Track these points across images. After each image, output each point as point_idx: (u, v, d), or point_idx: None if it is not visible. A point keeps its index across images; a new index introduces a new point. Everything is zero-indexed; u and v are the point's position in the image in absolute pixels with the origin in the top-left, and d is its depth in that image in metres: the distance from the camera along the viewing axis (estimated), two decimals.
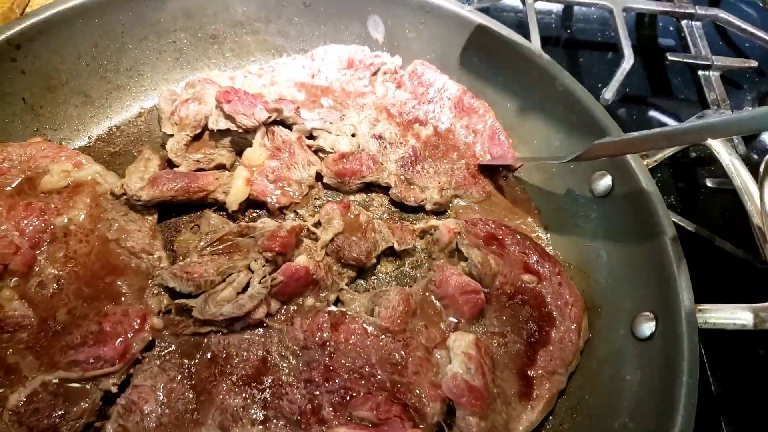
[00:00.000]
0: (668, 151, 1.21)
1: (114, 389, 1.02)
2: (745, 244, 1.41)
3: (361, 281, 1.25)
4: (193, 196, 1.23)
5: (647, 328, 1.08)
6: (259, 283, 1.10)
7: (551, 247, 1.31)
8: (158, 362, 1.06)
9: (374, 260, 1.23)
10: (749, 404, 1.23)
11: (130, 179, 1.19)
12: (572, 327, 1.15)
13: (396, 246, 1.24)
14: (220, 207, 1.26)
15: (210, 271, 1.11)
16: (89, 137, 1.32)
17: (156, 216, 1.22)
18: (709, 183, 1.55)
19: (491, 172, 1.40)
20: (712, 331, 1.03)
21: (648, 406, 1.01)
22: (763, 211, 1.03)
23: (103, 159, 1.28)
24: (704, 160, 1.64)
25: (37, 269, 1.10)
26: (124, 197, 1.19)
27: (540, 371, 1.11)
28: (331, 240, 1.21)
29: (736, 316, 1.03)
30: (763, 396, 1.24)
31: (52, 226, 1.13)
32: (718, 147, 1.16)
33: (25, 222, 1.11)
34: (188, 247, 1.18)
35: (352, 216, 1.25)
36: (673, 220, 1.15)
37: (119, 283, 1.12)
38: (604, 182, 1.24)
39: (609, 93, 1.60)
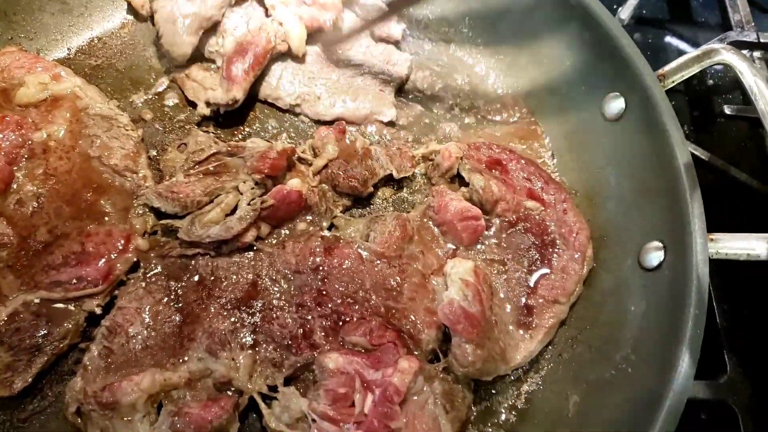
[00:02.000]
0: (686, 72, 1.13)
1: (98, 310, 0.99)
2: (760, 174, 1.35)
3: (358, 209, 1.19)
4: (265, 61, 1.20)
5: (655, 257, 1.03)
6: (248, 205, 1.05)
7: (558, 174, 1.25)
8: (143, 284, 1.02)
9: (371, 189, 1.17)
10: (754, 338, 1.19)
11: (208, 94, 1.17)
12: (576, 255, 1.10)
13: (395, 174, 1.18)
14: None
15: (197, 191, 1.06)
16: (69, 49, 1.24)
17: (140, 133, 1.15)
18: (727, 110, 1.47)
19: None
20: (719, 262, 0.98)
21: (652, 338, 0.97)
22: None
23: (84, 73, 1.20)
24: (720, 88, 1.56)
25: (15, 186, 1.04)
26: (222, 108, 1.18)
27: (540, 300, 1.07)
28: (326, 166, 1.15)
29: (750, 245, 0.97)
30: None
31: (30, 142, 1.07)
32: (741, 67, 1.07)
33: (1, 136, 1.05)
34: (174, 166, 1.12)
35: (348, 142, 1.19)
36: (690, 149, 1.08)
37: (102, 202, 1.06)
38: (617, 104, 1.16)
39: (625, 12, 1.51)
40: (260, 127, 1.23)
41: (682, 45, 1.67)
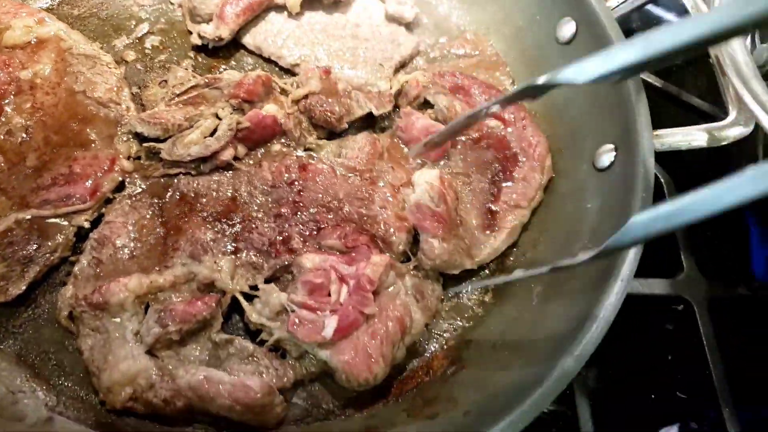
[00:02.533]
0: None
1: (86, 224, 1.05)
2: (707, 94, 1.44)
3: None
4: (258, 9, 1.27)
5: (607, 158, 1.10)
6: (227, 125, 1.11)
7: None
8: (129, 201, 1.08)
9: (345, 126, 1.23)
10: (708, 238, 1.27)
11: (201, 26, 1.25)
12: (535, 165, 1.17)
13: (374, 111, 1.22)
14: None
15: (178, 117, 1.12)
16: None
17: (123, 70, 1.22)
18: None
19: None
20: (676, 174, 1.05)
21: (607, 226, 1.03)
22: None
23: (67, 21, 1.27)
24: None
25: (3, 119, 1.11)
26: (209, 43, 1.26)
27: (503, 205, 1.14)
28: (305, 97, 1.21)
29: (691, 136, 1.05)
30: (723, 232, 1.28)
31: (17, 79, 1.13)
32: None
33: None
34: (156, 100, 1.19)
35: (331, 82, 1.25)
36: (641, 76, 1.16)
37: (88, 131, 1.13)
38: (569, 28, 1.24)
39: None
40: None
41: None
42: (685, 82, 1.47)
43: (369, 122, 1.24)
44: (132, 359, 0.93)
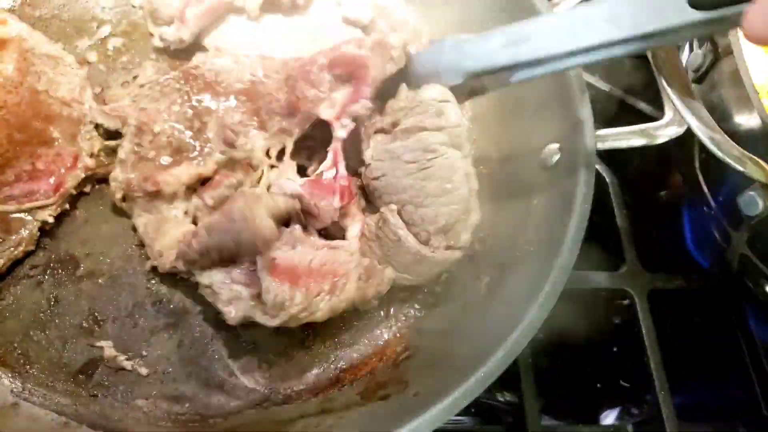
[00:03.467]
0: None
1: (51, 219, 1.08)
2: (650, 99, 1.52)
3: None
4: (218, 12, 1.30)
5: (554, 157, 1.17)
6: None
7: (471, 102, 1.38)
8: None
9: None
10: (648, 234, 1.35)
11: (162, 29, 1.29)
12: None
13: None
14: None
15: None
16: (14, 0, 1.33)
17: (86, 70, 1.25)
18: None
19: None
20: (620, 173, 1.12)
21: (550, 219, 1.10)
22: None
23: (29, 22, 1.28)
24: None
25: None
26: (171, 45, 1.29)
27: None
28: None
29: (629, 136, 1.13)
30: (664, 227, 1.36)
31: None
32: None
33: None
34: (117, 99, 1.22)
35: None
36: (589, 80, 1.23)
37: (51, 129, 1.15)
38: None
39: None
40: None
41: None
42: (627, 83, 1.56)
43: None
44: (179, 227, 1.03)
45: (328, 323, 1.07)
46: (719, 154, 0.99)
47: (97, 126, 1.18)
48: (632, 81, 1.59)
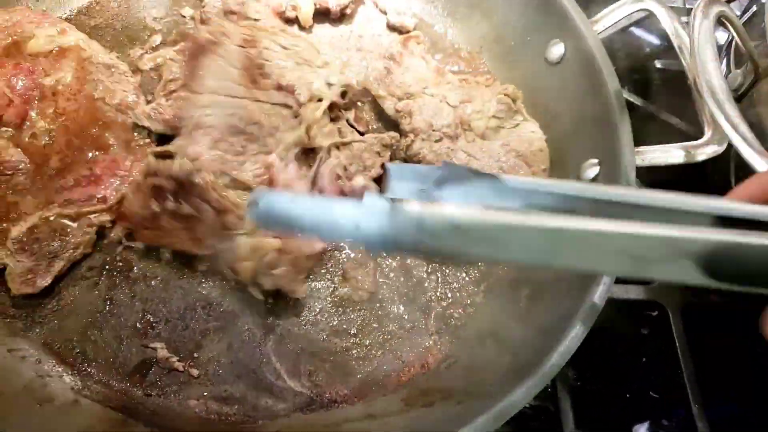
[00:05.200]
0: (614, 16, 1.31)
1: (108, 224, 1.12)
2: (689, 117, 1.53)
3: None
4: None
5: (592, 172, 1.20)
6: None
7: None
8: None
9: None
10: None
11: None
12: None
13: None
14: None
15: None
16: (70, 10, 1.38)
17: (138, 79, 1.29)
18: (657, 64, 1.66)
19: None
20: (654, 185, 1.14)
21: None
22: (693, 56, 1.12)
23: (84, 31, 1.33)
24: (656, 54, 1.74)
25: (28, 123, 1.17)
26: None
27: None
28: None
29: (669, 153, 1.15)
30: None
31: (41, 86, 1.20)
32: (659, 12, 1.26)
33: (15, 80, 1.18)
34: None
35: None
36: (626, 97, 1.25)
37: (107, 135, 1.20)
38: (558, 50, 1.33)
39: None
40: None
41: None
42: (665, 103, 1.57)
43: None
44: None
45: (369, 330, 1.11)
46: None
47: (150, 133, 1.23)
48: (667, 97, 1.61)
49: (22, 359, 1.02)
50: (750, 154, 1.02)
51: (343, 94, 1.18)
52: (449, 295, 1.18)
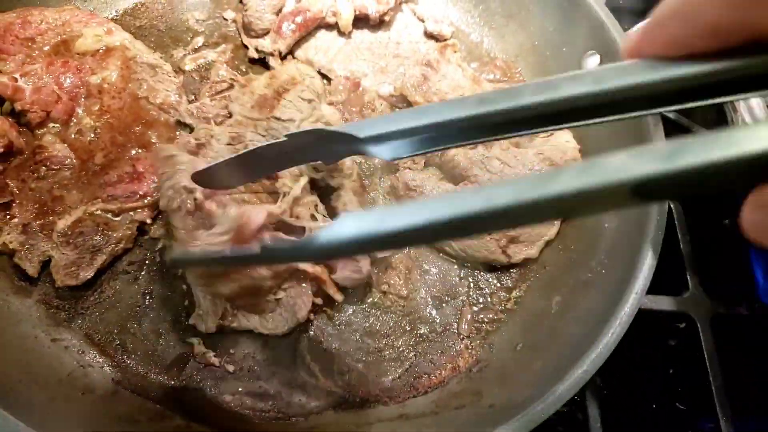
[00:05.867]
0: None
1: (148, 220, 1.15)
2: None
3: None
4: (312, 26, 1.38)
5: None
6: None
7: None
8: None
9: None
10: (712, 261, 1.37)
11: (258, 41, 1.36)
12: None
13: None
14: None
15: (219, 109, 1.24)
16: (116, 10, 1.42)
17: (181, 79, 1.32)
18: None
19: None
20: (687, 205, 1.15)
21: (622, 244, 1.13)
22: None
23: (130, 31, 1.37)
24: None
25: (75, 120, 1.21)
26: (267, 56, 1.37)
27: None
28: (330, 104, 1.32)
29: None
30: (727, 254, 1.38)
31: (87, 83, 1.24)
32: None
33: (63, 77, 1.22)
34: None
35: (359, 94, 1.36)
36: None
37: (150, 133, 1.23)
38: (594, 60, 1.34)
39: None
40: None
41: None
42: (698, 116, 1.58)
43: None
44: None
45: (401, 332, 1.13)
46: None
47: (192, 131, 1.25)
48: (701, 111, 1.61)
49: (65, 349, 1.05)
50: None
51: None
52: (481, 300, 1.19)
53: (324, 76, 1.41)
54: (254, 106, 1.19)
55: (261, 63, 1.39)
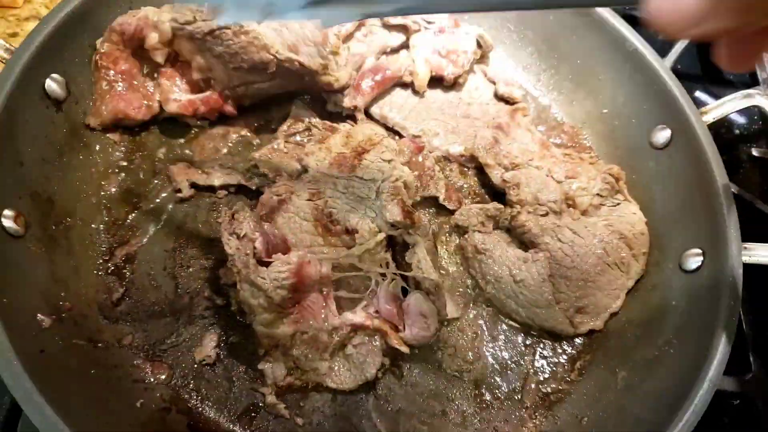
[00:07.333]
0: (724, 110, 1.33)
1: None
2: None
3: None
4: (389, 84, 1.43)
5: (694, 262, 1.21)
6: None
7: None
8: None
9: (417, 198, 1.32)
10: None
11: (338, 96, 1.39)
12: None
13: (440, 199, 1.36)
14: None
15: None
16: None
17: None
18: (755, 152, 1.66)
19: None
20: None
21: (691, 327, 1.14)
22: None
23: None
24: (746, 137, 1.75)
25: None
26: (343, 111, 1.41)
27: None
28: None
29: None
30: None
31: None
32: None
33: None
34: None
35: (420, 159, 1.38)
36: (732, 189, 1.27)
37: None
38: (664, 134, 1.36)
39: (667, 62, 1.73)
40: None
41: (710, 99, 1.86)
42: (759, 191, 1.57)
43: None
44: None
45: (466, 396, 1.15)
46: None
47: None
48: (761, 184, 1.62)
49: (145, 390, 1.08)
50: None
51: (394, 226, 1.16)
52: (546, 369, 1.20)
53: (396, 133, 1.44)
54: (332, 164, 1.22)
55: (335, 116, 1.42)
